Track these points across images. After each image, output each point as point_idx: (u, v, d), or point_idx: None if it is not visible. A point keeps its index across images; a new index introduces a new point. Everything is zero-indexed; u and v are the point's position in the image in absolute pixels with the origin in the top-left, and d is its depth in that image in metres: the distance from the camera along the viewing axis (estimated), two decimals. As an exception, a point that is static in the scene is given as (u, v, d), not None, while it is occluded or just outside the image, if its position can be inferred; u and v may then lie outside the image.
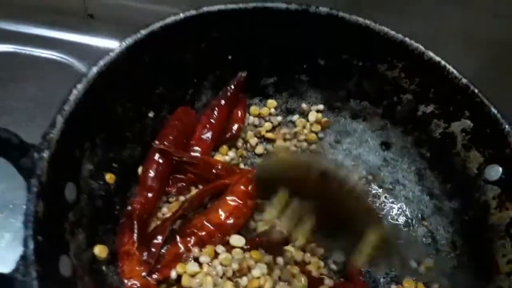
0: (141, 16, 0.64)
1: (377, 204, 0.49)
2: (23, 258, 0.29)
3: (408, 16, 0.58)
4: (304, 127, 0.51)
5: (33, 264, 0.29)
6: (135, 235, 0.39)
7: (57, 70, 0.61)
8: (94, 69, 0.37)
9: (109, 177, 0.40)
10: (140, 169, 0.43)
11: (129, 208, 0.41)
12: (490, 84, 0.44)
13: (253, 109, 0.51)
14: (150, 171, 0.42)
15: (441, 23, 0.59)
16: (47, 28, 0.64)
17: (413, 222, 0.48)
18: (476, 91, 0.43)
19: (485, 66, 0.57)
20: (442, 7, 0.56)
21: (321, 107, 0.52)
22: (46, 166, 0.32)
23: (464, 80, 0.43)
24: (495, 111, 0.42)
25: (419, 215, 0.48)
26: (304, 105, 0.52)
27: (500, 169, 0.42)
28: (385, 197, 0.49)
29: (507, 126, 0.41)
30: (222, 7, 0.43)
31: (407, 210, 0.49)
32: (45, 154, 0.32)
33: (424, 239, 0.47)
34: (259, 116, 0.51)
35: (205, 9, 0.42)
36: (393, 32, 0.45)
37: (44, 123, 0.52)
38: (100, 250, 0.38)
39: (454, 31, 0.59)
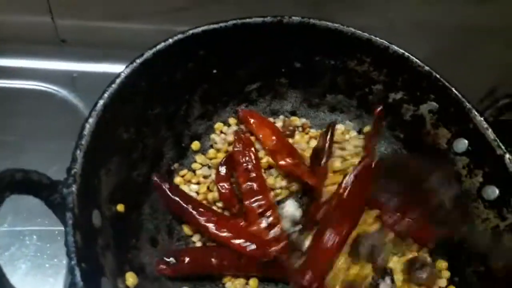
0: (113, 35, 0.66)
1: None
2: (73, 285, 0.32)
3: (364, 9, 0.63)
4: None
5: (84, 290, 0.32)
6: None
7: (39, 100, 0.62)
8: (101, 102, 0.39)
9: (120, 207, 0.43)
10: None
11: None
12: (444, 67, 0.50)
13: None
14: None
15: (395, 14, 0.64)
16: (22, 58, 0.65)
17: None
18: (438, 76, 0.49)
19: (438, 51, 0.63)
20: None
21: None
22: (76, 199, 0.34)
23: (427, 68, 0.49)
24: (457, 92, 0.48)
25: (401, 190, 0.54)
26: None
27: (466, 141, 0.48)
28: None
29: (468, 104, 0.47)
30: (205, 27, 0.46)
31: (389, 187, 0.54)
32: (73, 188, 0.35)
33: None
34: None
35: (190, 31, 0.45)
36: (359, 32, 0.50)
37: (38, 154, 0.56)
38: (131, 279, 0.41)
39: (407, 20, 0.64)
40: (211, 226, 0.45)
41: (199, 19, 0.53)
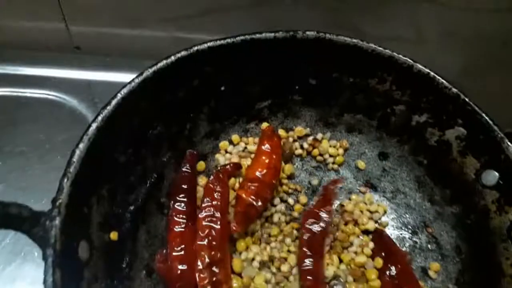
0: (127, 42, 0.65)
1: (380, 214, 0.50)
2: (49, 329, 0.30)
3: (389, 17, 0.58)
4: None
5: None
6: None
7: (50, 109, 0.61)
8: (94, 125, 0.37)
9: (113, 235, 0.40)
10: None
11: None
12: (474, 83, 0.45)
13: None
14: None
15: (423, 22, 0.59)
16: (34, 66, 0.64)
17: (417, 229, 0.49)
18: (467, 99, 0.44)
19: (469, 64, 0.58)
20: (422, 6, 0.57)
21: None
22: (59, 233, 0.32)
23: (454, 90, 0.44)
24: (487, 119, 0.43)
25: (422, 222, 0.49)
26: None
27: (497, 174, 0.43)
28: (388, 206, 0.51)
29: (500, 133, 0.42)
30: (211, 44, 0.43)
31: (410, 218, 0.50)
32: (57, 221, 0.33)
33: (429, 245, 0.48)
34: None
35: (195, 48, 0.42)
36: (380, 48, 0.46)
37: (45, 167, 0.55)
38: None
39: (438, 30, 0.59)
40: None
41: (213, 27, 0.51)
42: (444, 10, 0.56)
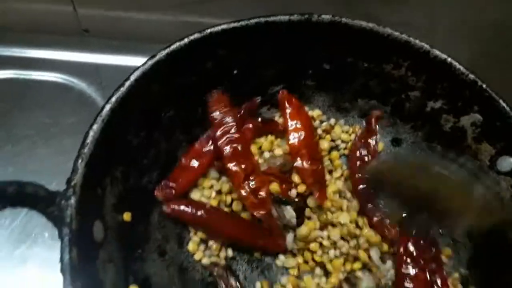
0: (135, 26, 0.64)
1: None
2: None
3: (403, 4, 0.58)
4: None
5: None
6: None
7: (58, 92, 0.60)
8: (107, 107, 0.37)
9: (127, 216, 0.40)
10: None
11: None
12: (490, 72, 0.45)
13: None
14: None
15: (438, 9, 0.58)
16: (43, 48, 0.64)
17: (429, 215, 0.49)
18: (484, 86, 0.43)
19: (486, 53, 0.57)
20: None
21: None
22: (74, 213, 0.32)
23: (472, 76, 0.44)
24: (505, 105, 0.42)
25: (434, 208, 0.49)
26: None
27: (513, 160, 0.43)
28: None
29: (517, 119, 0.42)
30: (225, 26, 0.42)
31: (422, 204, 0.49)
32: (72, 201, 0.32)
33: (441, 230, 0.48)
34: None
35: (208, 30, 0.42)
36: (397, 33, 0.45)
37: (52, 150, 0.54)
38: None
39: (451, 17, 0.58)
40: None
41: (221, 11, 0.50)
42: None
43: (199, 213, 0.43)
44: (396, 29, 0.45)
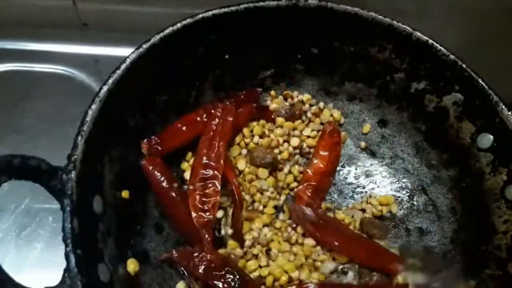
0: (134, 19, 0.66)
1: (379, 178, 0.52)
2: (67, 270, 0.33)
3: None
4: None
5: (77, 276, 0.32)
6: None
7: (59, 83, 0.62)
8: (105, 88, 0.39)
9: (125, 193, 0.42)
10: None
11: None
12: (478, 56, 0.47)
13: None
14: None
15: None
16: (44, 42, 0.66)
17: (415, 192, 0.51)
18: (464, 66, 0.45)
19: (473, 38, 0.59)
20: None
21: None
22: (75, 186, 0.34)
23: (452, 56, 0.46)
24: (483, 84, 0.44)
25: (420, 186, 0.51)
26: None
27: (492, 137, 0.45)
28: (387, 171, 0.53)
29: (495, 97, 0.44)
30: (216, 11, 0.45)
31: (408, 182, 0.52)
32: (72, 175, 0.35)
33: (426, 207, 0.50)
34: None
35: (200, 15, 0.44)
36: (380, 17, 0.47)
37: (55, 138, 0.57)
38: (132, 265, 0.41)
39: (437, 2, 0.60)
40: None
41: (219, 3, 0.52)
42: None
43: (162, 184, 0.44)
44: (385, 16, 0.47)
